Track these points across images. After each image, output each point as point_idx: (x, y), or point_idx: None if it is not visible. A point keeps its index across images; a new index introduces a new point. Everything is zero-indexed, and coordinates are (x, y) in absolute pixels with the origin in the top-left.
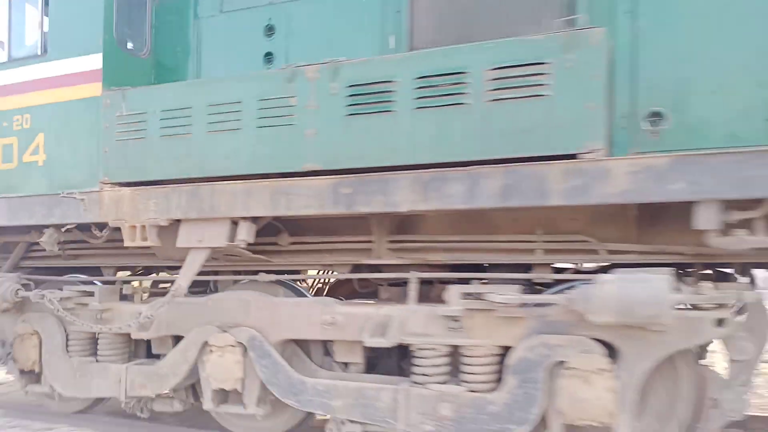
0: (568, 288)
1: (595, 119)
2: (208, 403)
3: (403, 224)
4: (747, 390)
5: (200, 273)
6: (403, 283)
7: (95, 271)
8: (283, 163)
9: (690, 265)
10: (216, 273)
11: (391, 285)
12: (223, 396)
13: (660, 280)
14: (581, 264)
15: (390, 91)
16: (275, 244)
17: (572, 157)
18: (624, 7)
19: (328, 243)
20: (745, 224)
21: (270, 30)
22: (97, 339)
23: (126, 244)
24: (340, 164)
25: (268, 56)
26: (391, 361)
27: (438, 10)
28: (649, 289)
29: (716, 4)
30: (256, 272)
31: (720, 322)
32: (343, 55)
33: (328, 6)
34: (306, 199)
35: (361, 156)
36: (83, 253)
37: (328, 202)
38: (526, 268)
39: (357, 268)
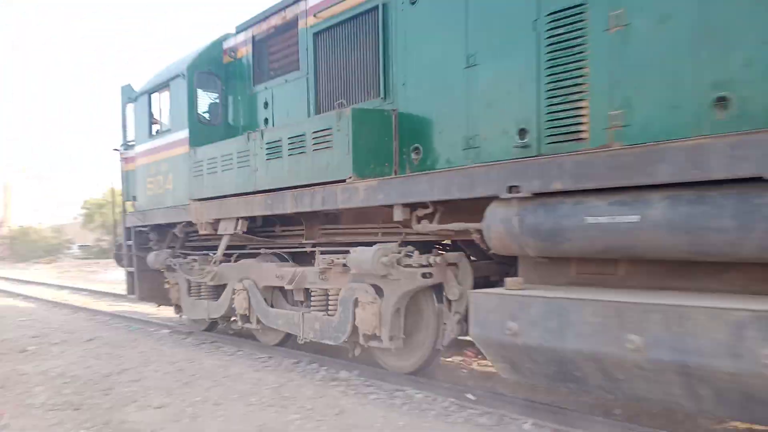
0: None
1: (348, 160)
2: (239, 323)
3: (333, 218)
4: (460, 319)
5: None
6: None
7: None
8: (247, 187)
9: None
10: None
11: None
12: (246, 318)
13: (373, 249)
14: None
15: (279, 146)
16: (274, 231)
17: (343, 181)
18: (400, 81)
19: (297, 230)
20: (429, 217)
21: (266, 105)
22: (200, 287)
23: (200, 233)
24: (265, 187)
25: (266, 121)
26: None
27: (327, 88)
28: (365, 254)
29: (435, 76)
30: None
31: (426, 275)
32: (294, 117)
33: (286, 88)
34: (257, 207)
35: (272, 182)
36: (211, 238)
37: (263, 208)
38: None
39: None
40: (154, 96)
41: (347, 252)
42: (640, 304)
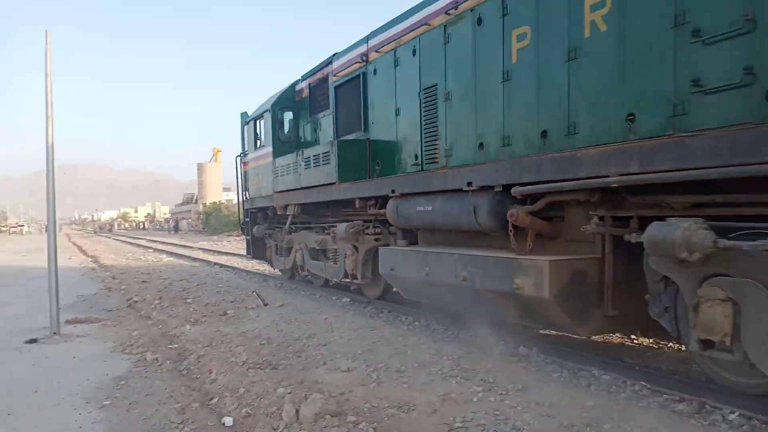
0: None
1: (335, 171)
2: (299, 273)
3: (349, 204)
4: None
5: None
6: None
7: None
8: (296, 185)
9: None
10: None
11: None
12: (302, 268)
13: (344, 225)
14: None
15: (309, 160)
16: (320, 212)
17: (333, 183)
18: (371, 121)
19: (329, 212)
20: (374, 205)
21: (315, 129)
22: (281, 249)
23: (277, 213)
24: (305, 185)
25: (316, 140)
26: None
27: (342, 122)
28: (342, 227)
29: (383, 120)
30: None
31: (377, 240)
32: (328, 139)
33: (324, 119)
34: (301, 197)
35: (307, 182)
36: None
37: (304, 198)
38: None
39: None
40: (258, 122)
41: None
42: (429, 252)
